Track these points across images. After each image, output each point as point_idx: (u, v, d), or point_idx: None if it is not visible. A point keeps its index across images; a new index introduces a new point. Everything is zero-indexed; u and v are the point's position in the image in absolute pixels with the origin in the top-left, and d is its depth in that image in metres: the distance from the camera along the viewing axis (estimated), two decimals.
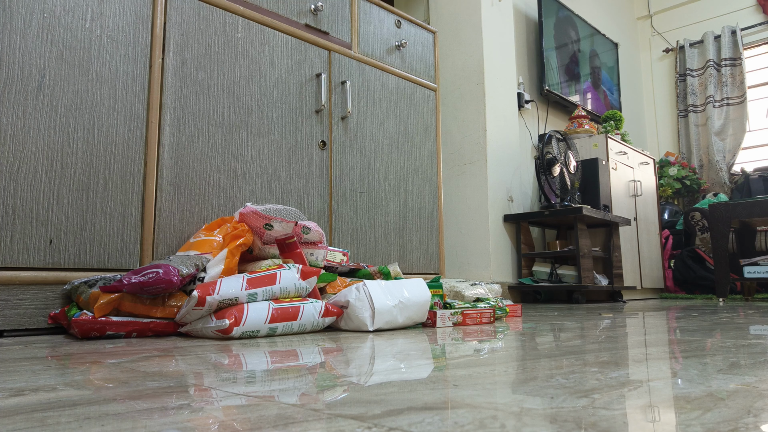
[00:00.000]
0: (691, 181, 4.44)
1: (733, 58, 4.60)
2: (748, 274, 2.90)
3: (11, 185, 1.09)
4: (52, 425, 0.39)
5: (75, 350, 0.86)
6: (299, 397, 0.48)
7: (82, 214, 1.18)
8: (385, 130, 1.90)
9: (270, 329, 1.06)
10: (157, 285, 1.01)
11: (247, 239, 1.24)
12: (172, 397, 0.49)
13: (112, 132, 1.24)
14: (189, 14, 1.40)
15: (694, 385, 0.53)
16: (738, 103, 4.55)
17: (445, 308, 1.42)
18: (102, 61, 1.24)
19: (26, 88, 1.13)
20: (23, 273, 1.09)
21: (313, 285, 1.20)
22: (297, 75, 1.63)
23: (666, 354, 0.78)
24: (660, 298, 3.65)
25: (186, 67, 1.38)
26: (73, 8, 1.21)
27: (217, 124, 1.43)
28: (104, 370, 0.65)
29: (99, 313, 1.01)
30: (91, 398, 0.48)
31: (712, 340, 0.94)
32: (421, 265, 1.98)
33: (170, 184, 1.32)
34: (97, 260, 1.19)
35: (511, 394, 0.49)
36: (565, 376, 0.58)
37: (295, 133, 1.61)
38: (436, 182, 2.09)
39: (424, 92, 2.08)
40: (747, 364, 0.66)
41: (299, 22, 1.66)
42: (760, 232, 3.40)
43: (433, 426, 0.38)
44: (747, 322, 1.35)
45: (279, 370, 0.64)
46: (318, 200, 1.65)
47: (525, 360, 0.72)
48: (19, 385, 0.55)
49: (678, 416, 0.41)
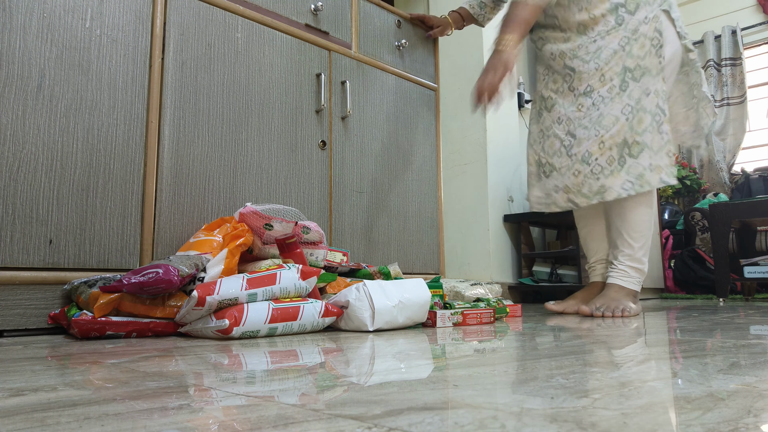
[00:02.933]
0: (692, 181, 4.44)
1: (734, 58, 4.61)
2: (749, 274, 2.90)
3: (11, 185, 1.09)
4: (52, 425, 0.39)
5: (75, 350, 0.86)
6: (299, 398, 0.48)
7: (82, 214, 1.18)
8: (385, 130, 1.90)
9: (270, 329, 1.06)
10: (157, 285, 1.01)
11: (247, 239, 1.24)
12: (172, 397, 0.49)
13: (112, 132, 1.24)
14: (189, 14, 1.40)
15: (695, 385, 0.53)
16: (738, 103, 4.55)
17: (445, 308, 1.42)
18: (102, 61, 1.24)
19: (26, 87, 1.13)
20: (23, 273, 1.09)
21: (313, 285, 1.20)
22: (297, 75, 1.63)
23: (666, 354, 0.78)
24: (660, 298, 3.65)
25: (186, 67, 1.38)
26: (73, 8, 1.21)
27: (217, 124, 1.43)
28: (104, 370, 0.65)
29: (99, 313, 1.01)
30: (91, 398, 0.48)
31: (713, 340, 0.94)
32: (421, 265, 1.98)
33: (170, 184, 1.32)
34: (97, 260, 1.19)
35: (511, 394, 0.49)
36: (565, 376, 0.58)
37: (295, 133, 1.61)
38: (436, 182, 2.09)
39: (424, 92, 2.08)
40: (747, 364, 0.66)
41: (299, 22, 1.66)
42: (760, 232, 3.40)
43: (434, 426, 0.38)
44: (747, 322, 1.35)
45: (279, 370, 0.64)
46: (318, 200, 1.65)
47: (525, 360, 0.72)
48: (18, 385, 0.55)
49: (678, 416, 0.41)
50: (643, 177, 1.67)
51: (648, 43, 1.68)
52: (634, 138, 1.67)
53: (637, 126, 1.67)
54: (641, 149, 1.67)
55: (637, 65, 1.68)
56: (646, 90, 1.68)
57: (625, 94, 1.68)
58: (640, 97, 1.67)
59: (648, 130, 1.67)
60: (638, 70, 1.68)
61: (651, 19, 1.69)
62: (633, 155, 1.67)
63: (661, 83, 1.70)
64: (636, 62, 1.68)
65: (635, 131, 1.67)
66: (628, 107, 1.67)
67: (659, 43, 1.69)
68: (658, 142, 1.68)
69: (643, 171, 1.67)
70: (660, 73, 1.69)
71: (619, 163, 1.68)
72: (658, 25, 1.69)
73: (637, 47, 1.68)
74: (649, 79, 1.68)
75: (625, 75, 1.68)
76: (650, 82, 1.68)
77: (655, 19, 1.69)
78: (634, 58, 1.68)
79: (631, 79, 1.68)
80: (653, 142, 1.67)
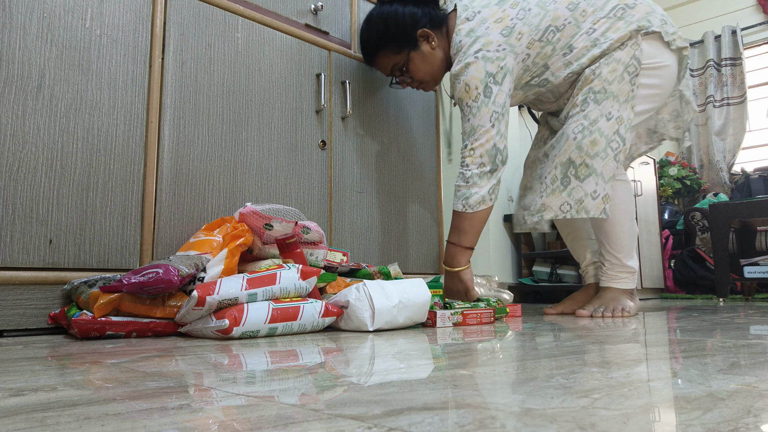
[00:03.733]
0: (692, 181, 4.44)
1: (733, 58, 4.60)
2: (749, 274, 2.90)
3: (11, 185, 1.09)
4: (52, 425, 0.39)
5: (75, 350, 0.86)
6: (299, 397, 0.48)
7: (81, 214, 1.18)
8: (385, 130, 1.90)
9: (270, 329, 1.06)
10: (157, 285, 1.01)
11: (247, 239, 1.24)
12: (171, 397, 0.49)
13: (112, 132, 1.24)
14: (189, 14, 1.40)
15: (695, 385, 0.53)
16: (738, 103, 4.55)
17: (445, 308, 1.42)
18: (102, 61, 1.24)
19: (26, 87, 1.13)
20: (23, 273, 1.09)
21: (313, 285, 1.20)
22: (297, 75, 1.63)
23: (666, 354, 0.78)
24: (660, 298, 3.65)
25: (186, 66, 1.38)
26: (73, 8, 1.21)
27: (217, 124, 1.43)
28: (104, 370, 0.65)
29: (99, 313, 1.01)
30: (91, 398, 0.48)
31: (713, 340, 0.94)
32: (421, 265, 1.98)
33: (170, 183, 1.32)
34: (96, 260, 1.19)
35: (511, 394, 0.49)
36: (565, 376, 0.58)
37: (295, 132, 1.61)
38: (436, 182, 2.09)
39: (425, 92, 2.07)
40: (747, 364, 0.66)
41: (299, 22, 1.66)
42: (760, 232, 3.40)
43: (434, 426, 0.38)
44: (747, 322, 1.35)
45: (279, 370, 0.64)
46: (318, 200, 1.65)
47: (525, 360, 0.72)
48: (18, 385, 0.55)
49: (678, 416, 0.41)
50: (582, 203, 1.58)
51: (621, 68, 1.58)
52: (582, 159, 1.57)
53: (589, 148, 1.57)
54: (589, 174, 1.57)
55: (602, 88, 1.58)
56: (607, 114, 1.58)
57: (582, 113, 1.60)
58: (597, 118, 1.58)
59: (600, 156, 1.57)
60: (602, 94, 1.58)
61: (630, 45, 1.59)
62: (579, 177, 1.59)
63: (628, 111, 1.59)
64: (602, 85, 1.58)
65: (585, 152, 1.57)
66: (580, 126, 1.59)
67: (635, 72, 1.59)
68: (610, 170, 1.58)
69: (584, 197, 1.58)
70: (629, 101, 1.59)
71: (562, 183, 1.61)
72: (638, 53, 1.59)
73: (607, 70, 1.58)
74: (614, 104, 1.58)
75: (588, 95, 1.60)
76: (614, 107, 1.58)
77: (634, 46, 1.59)
78: (602, 80, 1.58)
79: (593, 100, 1.59)
80: (604, 170, 1.57)
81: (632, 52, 1.59)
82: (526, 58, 1.62)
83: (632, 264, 1.71)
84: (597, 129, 1.57)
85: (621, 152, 1.59)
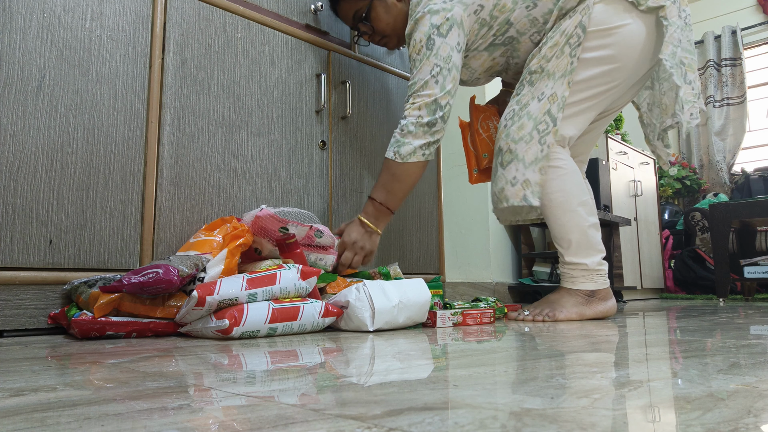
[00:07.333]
0: (692, 181, 4.44)
1: (733, 58, 4.60)
2: (749, 274, 2.90)
3: (11, 185, 1.09)
4: (52, 425, 0.39)
5: (75, 350, 0.86)
6: (299, 398, 0.48)
7: (81, 214, 1.18)
8: (385, 130, 1.90)
9: (270, 329, 1.06)
10: (157, 285, 1.01)
11: (247, 239, 1.24)
12: (171, 397, 0.49)
13: (112, 132, 1.24)
14: (189, 14, 1.40)
15: (695, 385, 0.53)
16: (738, 103, 4.55)
17: (445, 308, 1.42)
18: (102, 61, 1.24)
19: (26, 88, 1.13)
20: (23, 273, 1.09)
21: (313, 285, 1.20)
22: (297, 75, 1.63)
23: (666, 354, 0.78)
24: (660, 298, 3.65)
25: (186, 67, 1.38)
26: (73, 8, 1.21)
27: (217, 124, 1.43)
28: (104, 371, 0.65)
29: (99, 313, 1.01)
30: (91, 398, 0.48)
31: (713, 341, 0.94)
32: (421, 265, 1.98)
33: (170, 184, 1.32)
34: (96, 260, 1.19)
35: (511, 394, 0.49)
36: (565, 376, 0.58)
37: (295, 133, 1.61)
38: (436, 182, 2.09)
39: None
40: (747, 364, 0.66)
41: (299, 22, 1.66)
42: (760, 232, 3.40)
43: (434, 426, 0.38)
44: (747, 323, 1.35)
45: (279, 371, 0.64)
46: (318, 200, 1.65)
47: (525, 360, 0.72)
48: (19, 385, 0.55)
49: (678, 416, 0.41)
50: (504, 192, 1.47)
51: (563, 40, 1.43)
52: (508, 145, 1.47)
53: (515, 133, 1.46)
54: (511, 159, 1.46)
55: (539, 67, 1.46)
56: (540, 94, 1.46)
57: (516, 98, 1.50)
58: (529, 102, 1.47)
59: (525, 140, 1.45)
60: (537, 74, 1.47)
61: (579, 11, 1.43)
62: (503, 164, 1.48)
63: (563, 87, 1.44)
64: (540, 63, 1.46)
65: (511, 138, 1.47)
66: (512, 112, 1.49)
67: (577, 42, 1.43)
68: (534, 154, 1.44)
69: (504, 185, 1.47)
70: (566, 75, 1.44)
71: (494, 174, 1.52)
72: (585, 19, 1.42)
73: (547, 47, 1.45)
74: (548, 82, 1.45)
75: (525, 77, 1.50)
76: (548, 85, 1.45)
77: (584, 12, 1.42)
78: (540, 58, 1.47)
79: (528, 82, 1.48)
80: (527, 154, 1.45)
81: (579, 19, 1.43)
82: (478, 10, 1.47)
83: (580, 260, 1.49)
84: (526, 113, 1.47)
85: (549, 133, 1.45)
